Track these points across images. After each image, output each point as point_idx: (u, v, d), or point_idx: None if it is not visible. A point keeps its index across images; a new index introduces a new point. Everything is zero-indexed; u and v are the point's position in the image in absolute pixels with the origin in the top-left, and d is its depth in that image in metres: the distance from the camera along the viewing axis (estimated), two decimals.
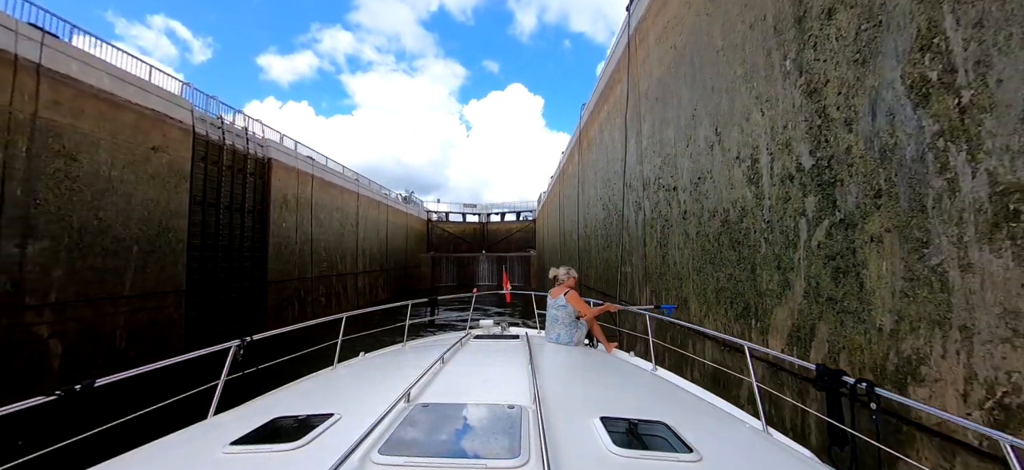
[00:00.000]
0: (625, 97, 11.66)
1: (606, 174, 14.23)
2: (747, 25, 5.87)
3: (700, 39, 7.25)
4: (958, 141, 3.16)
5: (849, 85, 4.14)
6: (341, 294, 26.67)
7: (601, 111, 15.26)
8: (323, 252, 24.53)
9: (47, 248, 10.58)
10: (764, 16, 5.48)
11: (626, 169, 11.71)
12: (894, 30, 3.64)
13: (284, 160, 21.00)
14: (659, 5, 9.16)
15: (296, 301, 21.09)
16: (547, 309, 5.61)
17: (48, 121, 10.74)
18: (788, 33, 5.02)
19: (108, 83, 12.37)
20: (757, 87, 5.66)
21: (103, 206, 12.02)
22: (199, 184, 15.66)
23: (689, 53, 7.67)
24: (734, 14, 6.19)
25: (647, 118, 9.99)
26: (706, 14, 7.01)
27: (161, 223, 13.91)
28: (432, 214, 54.51)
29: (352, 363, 4.79)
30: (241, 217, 17.83)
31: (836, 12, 4.29)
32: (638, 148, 10.64)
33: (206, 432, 2.64)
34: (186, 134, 15.17)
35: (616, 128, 12.66)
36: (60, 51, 11.19)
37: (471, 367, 3.78)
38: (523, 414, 2.38)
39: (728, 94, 6.36)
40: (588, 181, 17.88)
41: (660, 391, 3.68)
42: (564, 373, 4.05)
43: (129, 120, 12.95)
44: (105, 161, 12.14)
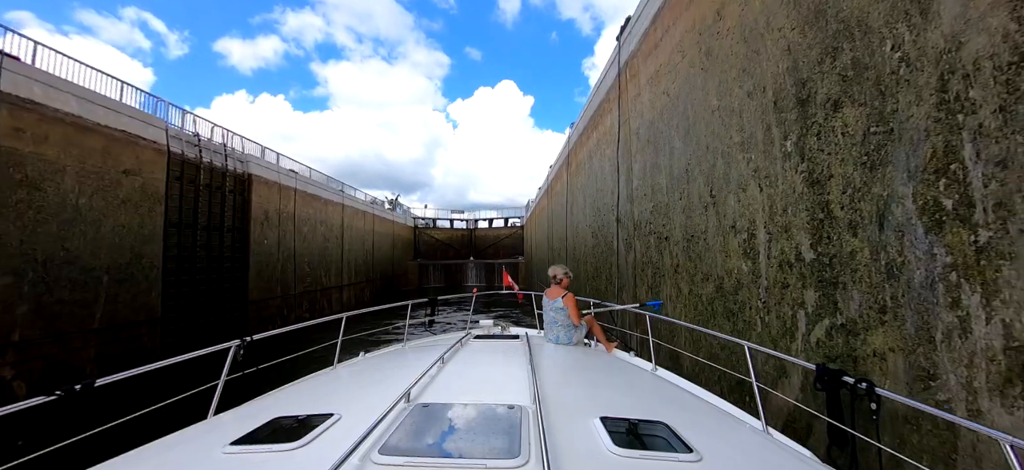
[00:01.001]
0: (616, 130, 11.45)
1: (596, 203, 14.03)
2: (745, 92, 5.66)
3: (694, 93, 7.04)
4: (973, 280, 2.96)
5: (855, 187, 3.94)
6: (325, 309, 26.17)
7: (590, 137, 15.05)
8: (307, 267, 24.04)
9: (9, 284, 10.13)
10: (764, 88, 5.28)
11: (618, 203, 11.52)
12: (906, 143, 3.44)
13: (265, 175, 20.52)
14: (651, 45, 8.95)
15: (279, 320, 20.60)
16: (544, 310, 5.57)
17: (9, 150, 10.25)
18: (789, 113, 4.82)
19: (75, 106, 11.88)
20: (755, 160, 5.45)
21: (70, 236, 11.54)
22: (175, 205, 15.18)
23: (682, 104, 7.46)
24: (731, 77, 5.99)
25: (638, 158, 9.78)
26: (701, 69, 6.80)
27: (134, 250, 13.44)
28: (419, 221, 54.01)
29: (352, 363, 4.80)
30: (220, 236, 17.34)
31: (842, 106, 4.08)
32: (628, 187, 10.43)
33: (206, 432, 2.66)
34: (160, 154, 14.69)
35: (606, 159, 12.45)
36: (22, 74, 10.68)
37: (471, 367, 3.79)
38: (523, 414, 2.38)
39: (724, 159, 6.16)
40: (577, 204, 17.67)
41: (660, 391, 3.69)
42: (564, 373, 4.06)
43: (98, 144, 12.46)
44: (72, 188, 11.66)
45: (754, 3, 5.44)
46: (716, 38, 6.35)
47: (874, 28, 3.73)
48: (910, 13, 3.40)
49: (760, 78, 5.35)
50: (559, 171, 22.62)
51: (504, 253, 50.08)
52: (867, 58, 3.80)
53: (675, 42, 7.74)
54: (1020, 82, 2.69)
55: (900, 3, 3.48)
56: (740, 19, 5.75)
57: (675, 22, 7.76)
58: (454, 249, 52.20)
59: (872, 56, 3.75)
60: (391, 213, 45.01)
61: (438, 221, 55.85)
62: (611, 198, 12.00)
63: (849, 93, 4.00)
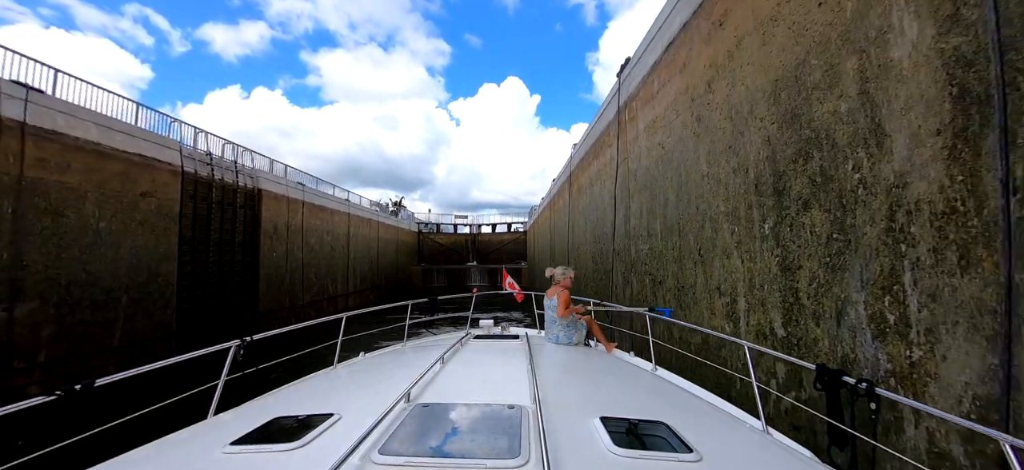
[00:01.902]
0: (614, 165, 11.89)
1: (596, 230, 14.48)
2: (731, 167, 6.12)
3: (687, 154, 7.50)
4: (907, 389, 3.43)
5: (819, 282, 4.41)
6: None
7: (591, 164, 15.50)
8: (314, 277, 24.61)
9: (35, 308, 10.67)
10: (747, 169, 5.73)
11: (614, 237, 11.97)
12: (861, 256, 3.91)
13: (274, 189, 21.05)
14: (648, 94, 9.40)
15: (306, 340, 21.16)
16: (545, 310, 5.67)
17: (34, 180, 10.79)
18: (768, 199, 5.28)
19: (95, 134, 12.42)
20: (738, 232, 5.91)
21: (91, 259, 12.10)
22: (189, 223, 15.71)
23: (676, 161, 7.91)
24: (718, 149, 6.44)
25: (636, 199, 10.24)
26: (693, 134, 7.25)
27: (151, 269, 13.98)
28: (422, 226, 54.63)
29: (352, 363, 4.82)
30: (231, 251, 17.89)
31: (811, 207, 4.55)
32: (626, 224, 10.89)
33: (206, 432, 2.67)
34: (175, 175, 15.23)
35: (606, 191, 12.89)
36: (45, 106, 11.21)
37: (471, 367, 3.80)
38: (523, 414, 2.40)
39: (712, 224, 6.62)
40: (578, 225, 18.12)
41: (660, 391, 3.71)
42: (564, 373, 4.08)
43: (117, 169, 13.00)
44: (92, 213, 12.21)
45: (739, 87, 5.90)
46: (706, 108, 6.79)
47: (839, 146, 4.19)
48: (868, 142, 3.86)
49: (744, 158, 5.80)
50: (561, 188, 23.06)
51: (507, 258, 50.56)
52: (832, 170, 4.27)
53: (670, 99, 8.19)
54: (949, 231, 3.15)
55: (861, 131, 3.94)
56: (727, 98, 6.20)
57: (670, 80, 8.21)
58: (457, 254, 52.83)
59: (837, 170, 4.22)
60: (395, 219, 45.61)
61: (442, 225, 56.54)
62: (610, 229, 12.43)
63: (817, 197, 4.46)
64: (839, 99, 4.19)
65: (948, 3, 3.19)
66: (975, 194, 2.98)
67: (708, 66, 6.73)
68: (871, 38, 3.85)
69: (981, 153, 2.94)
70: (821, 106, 4.42)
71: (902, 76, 3.55)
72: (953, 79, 3.15)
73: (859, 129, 3.97)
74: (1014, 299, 2.74)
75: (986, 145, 2.91)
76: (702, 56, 6.91)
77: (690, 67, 7.36)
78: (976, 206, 2.97)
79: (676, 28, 7.93)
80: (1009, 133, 2.77)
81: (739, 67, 5.90)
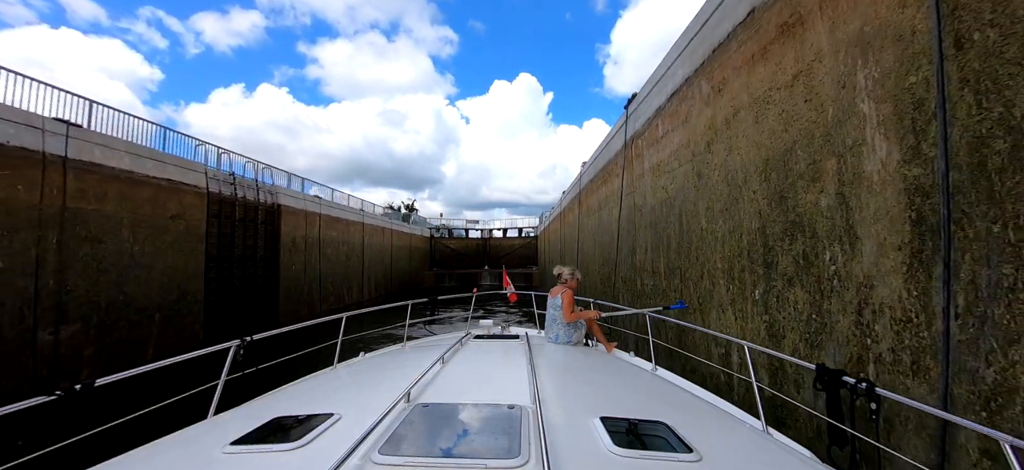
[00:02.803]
0: (620, 197, 12.29)
1: (603, 253, 14.90)
2: (727, 229, 6.54)
3: (688, 204, 7.92)
4: None
5: (800, 354, 4.83)
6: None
7: (599, 189, 15.91)
8: (330, 287, 25.29)
9: (78, 330, 11.33)
10: (741, 234, 6.16)
11: (618, 264, 12.38)
12: (834, 339, 4.34)
13: (293, 204, 21.73)
14: (653, 137, 9.81)
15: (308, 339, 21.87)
16: (547, 309, 5.70)
17: (75, 210, 11.44)
18: (758, 268, 5.71)
19: (128, 162, 13.06)
20: (733, 290, 6.34)
21: (127, 281, 12.75)
22: (214, 242, 16.36)
23: (679, 207, 8.33)
24: (717, 208, 6.85)
25: (641, 234, 10.65)
26: (694, 187, 7.67)
27: (180, 287, 14.65)
28: (434, 231, 55.44)
29: (352, 363, 4.81)
30: (253, 266, 18.55)
31: (794, 285, 4.98)
32: (632, 257, 11.31)
33: (206, 432, 2.67)
34: (201, 197, 15.89)
35: (613, 218, 13.30)
36: (84, 140, 11.86)
37: (471, 367, 3.80)
38: (523, 414, 2.39)
39: (710, 276, 7.04)
40: (586, 247, 18.56)
41: (660, 391, 3.70)
42: (564, 373, 4.06)
43: (148, 194, 13.65)
44: (127, 238, 12.86)
45: (735, 156, 6.32)
46: (706, 167, 7.21)
47: (819, 236, 4.62)
48: (843, 240, 4.29)
49: (738, 223, 6.22)
50: (572, 203, 23.46)
51: (518, 262, 51.06)
52: (813, 256, 4.70)
53: (673, 148, 8.60)
54: (905, 337, 3.59)
55: (837, 228, 4.37)
56: (725, 162, 6.62)
57: (674, 130, 8.61)
58: (469, 258, 53.51)
59: (817, 257, 4.64)
60: (407, 225, 46.44)
61: (454, 229, 57.42)
62: (614, 255, 12.85)
63: (800, 277, 4.89)
64: (820, 193, 4.61)
65: (911, 135, 3.61)
66: (926, 311, 3.40)
67: (708, 127, 7.13)
68: (848, 145, 4.27)
69: (932, 277, 3.37)
70: (805, 195, 4.84)
71: (872, 188, 3.97)
72: (912, 204, 3.57)
73: (836, 226, 4.39)
74: (950, 407, 3.16)
75: (936, 271, 3.33)
76: (703, 116, 7.31)
77: (692, 123, 7.77)
78: (927, 321, 3.40)
79: (679, 80, 8.33)
80: (952, 267, 3.19)
81: (735, 137, 6.31)
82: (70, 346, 11.13)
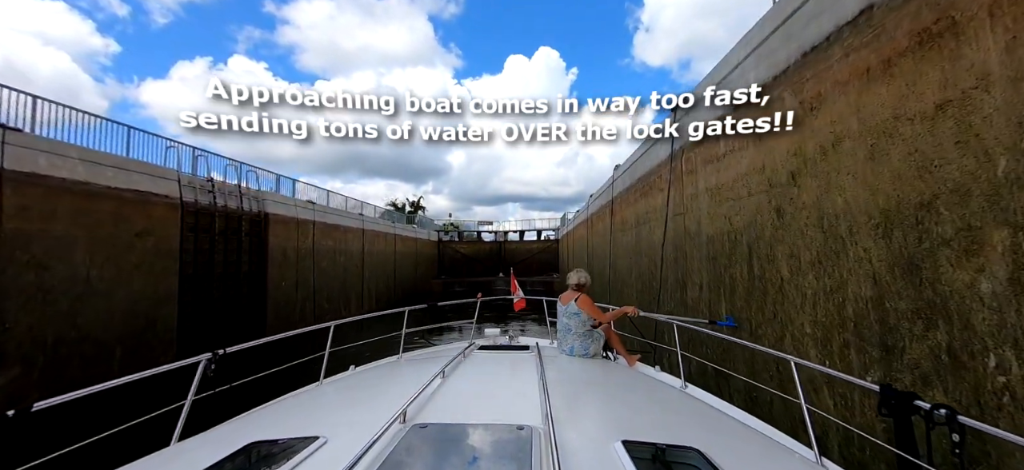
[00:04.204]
0: (665, 216, 11.37)
1: (644, 281, 14.02)
2: (822, 288, 5.59)
3: (761, 243, 6.96)
4: None
5: None
6: None
7: (637, 202, 15.02)
8: (326, 303, 24.53)
9: (18, 375, 10.65)
10: (843, 301, 5.19)
11: (660, 296, 11.48)
12: None
13: (282, 211, 21.00)
14: (712, 153, 8.84)
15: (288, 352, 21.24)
16: (558, 317, 5.55)
17: (14, 231, 10.71)
18: (873, 350, 4.76)
19: (83, 172, 12.30)
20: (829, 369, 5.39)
21: (81, 311, 12.05)
22: (190, 259, 15.63)
23: (747, 246, 7.37)
24: (805, 259, 5.91)
25: (693, 268, 9.70)
26: (772, 225, 6.71)
27: (148, 315, 13.94)
28: (443, 234, 54.82)
29: (340, 378, 4.79)
30: (236, 284, 17.79)
31: (932, 385, 4.00)
32: (682, 292, 10.36)
33: (169, 461, 2.65)
34: (173, 208, 15.15)
35: (656, 242, 12.35)
36: (24, 147, 11.06)
37: (475, 382, 3.79)
38: (533, 435, 2.37)
39: (794, 343, 6.08)
40: (620, 265, 17.76)
41: (691, 411, 3.65)
42: (580, 389, 4.07)
43: (108, 209, 12.89)
44: (82, 262, 12.13)
45: (835, 197, 5.34)
46: (789, 204, 6.25)
47: (978, 332, 3.64)
48: (1020, 343, 3.30)
49: (838, 284, 5.26)
50: (602, 211, 22.72)
51: (537, 269, 50.17)
52: (966, 357, 3.72)
53: (741, 171, 7.65)
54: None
55: (1009, 326, 3.39)
56: (818, 202, 5.65)
57: (741, 149, 7.66)
58: (481, 264, 52.50)
59: (973, 360, 3.67)
60: (413, 228, 45.91)
61: (464, 231, 56.87)
62: (658, 286, 11.95)
63: (941, 378, 3.92)
64: (979, 273, 3.64)
65: None
66: None
67: (793, 153, 6.17)
68: None
69: None
70: (954, 271, 3.85)
71: None
72: None
73: (1008, 324, 3.41)
74: None
75: None
76: (785, 138, 6.35)
77: (768, 145, 6.80)
78: None
79: (751, 85, 7.35)
80: None
81: (836, 172, 5.34)
82: (8, 394, 10.45)
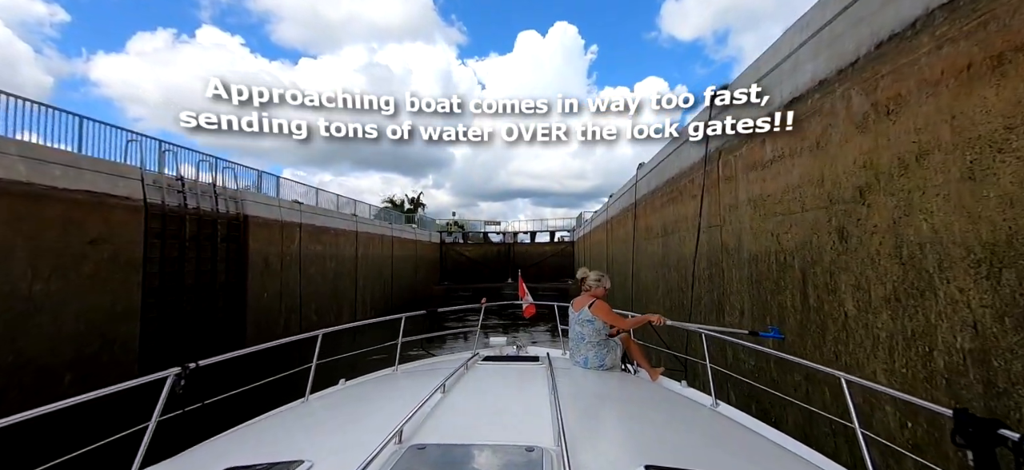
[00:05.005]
0: (697, 226, 10.69)
1: (673, 299, 13.42)
2: (900, 330, 4.91)
3: (818, 269, 6.26)
4: None
5: None
6: None
7: (664, 208, 14.39)
8: (314, 316, 23.95)
9: None
10: (930, 349, 4.50)
11: (693, 315, 10.82)
12: None
13: (264, 213, 20.48)
14: (756, 158, 8.15)
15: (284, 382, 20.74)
16: (569, 325, 5.43)
17: None
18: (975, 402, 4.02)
19: (24, 171, 11.70)
20: (916, 433, 4.69)
21: (22, 333, 11.45)
22: (155, 270, 15.07)
23: (800, 270, 6.66)
24: (878, 294, 5.23)
25: (733, 289, 9.01)
26: (831, 248, 6.00)
27: (104, 334, 13.40)
28: (445, 235, 54.39)
29: (329, 393, 4.78)
30: (211, 297, 17.23)
31: None
32: (718, 313, 9.67)
33: None
34: (135, 212, 14.56)
35: (687, 256, 11.70)
36: None
37: (480, 397, 3.79)
38: (545, 458, 2.35)
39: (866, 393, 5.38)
40: (645, 278, 17.10)
41: (723, 433, 3.62)
42: (596, 406, 4.06)
43: (55, 213, 12.32)
44: (23, 275, 11.55)
45: (920, 222, 4.60)
46: (855, 226, 5.53)
47: None
48: None
49: (925, 329, 4.56)
50: (623, 214, 22.26)
51: (549, 274, 49.55)
52: None
53: (792, 182, 6.94)
54: None
55: None
56: (894, 226, 4.93)
57: (792, 154, 6.96)
58: (488, 268, 51.92)
59: None
60: (412, 229, 45.70)
61: (469, 231, 56.64)
62: (689, 305, 11.34)
63: None
64: None
65: None
66: None
67: (861, 164, 5.46)
68: None
69: None
70: None
71: None
72: None
73: None
74: None
75: None
76: (851, 145, 5.65)
77: (828, 152, 6.10)
78: None
79: (807, 79, 6.66)
80: None
81: (920, 191, 4.63)
82: None
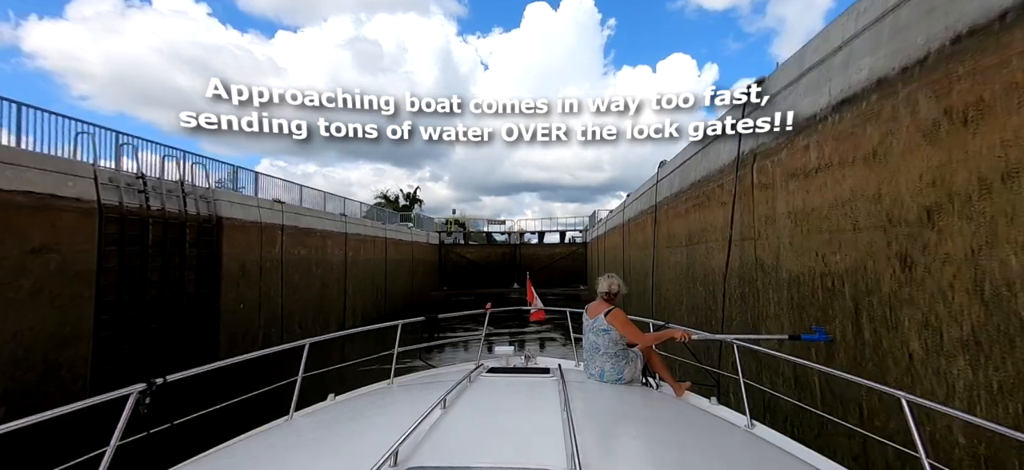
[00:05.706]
0: (728, 237, 10.25)
1: (698, 317, 13.05)
2: (985, 384, 4.45)
3: (876, 301, 5.80)
4: None
5: None
6: None
7: (688, 215, 14.05)
8: (298, 328, 23.59)
9: None
10: None
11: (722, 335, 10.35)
12: None
13: (240, 214, 20.05)
14: (796, 162, 7.62)
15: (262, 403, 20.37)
16: (583, 333, 5.38)
17: None
18: None
19: None
20: None
21: None
22: (111, 281, 14.58)
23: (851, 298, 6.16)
24: (954, 336, 4.76)
25: (770, 313, 8.49)
26: (892, 278, 5.49)
27: (48, 358, 12.90)
28: (445, 234, 54.18)
29: (317, 410, 4.77)
30: (178, 310, 16.76)
31: None
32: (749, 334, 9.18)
33: None
34: (88, 215, 14.04)
35: (716, 269, 11.24)
36: None
37: (484, 414, 3.79)
38: None
39: (940, 449, 4.84)
40: (667, 291, 16.76)
41: (759, 459, 3.56)
42: (614, 425, 4.04)
43: None
44: None
45: (1008, 255, 4.09)
46: (922, 253, 5.02)
47: None
48: None
49: (1016, 378, 4.12)
50: (642, 217, 22.03)
51: (559, 279, 49.45)
52: None
53: (841, 195, 6.41)
54: None
55: None
56: (976, 259, 4.40)
57: (842, 162, 6.43)
58: (491, 273, 51.65)
59: None
60: (408, 230, 45.43)
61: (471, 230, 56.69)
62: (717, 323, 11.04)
63: None
64: None
65: None
66: None
67: (929, 182, 4.95)
68: None
69: None
70: None
71: None
72: None
73: None
74: None
75: None
76: (916, 157, 5.14)
77: (887, 163, 5.59)
78: None
79: (862, 77, 6.13)
80: None
81: (1007, 218, 4.14)
82: None
